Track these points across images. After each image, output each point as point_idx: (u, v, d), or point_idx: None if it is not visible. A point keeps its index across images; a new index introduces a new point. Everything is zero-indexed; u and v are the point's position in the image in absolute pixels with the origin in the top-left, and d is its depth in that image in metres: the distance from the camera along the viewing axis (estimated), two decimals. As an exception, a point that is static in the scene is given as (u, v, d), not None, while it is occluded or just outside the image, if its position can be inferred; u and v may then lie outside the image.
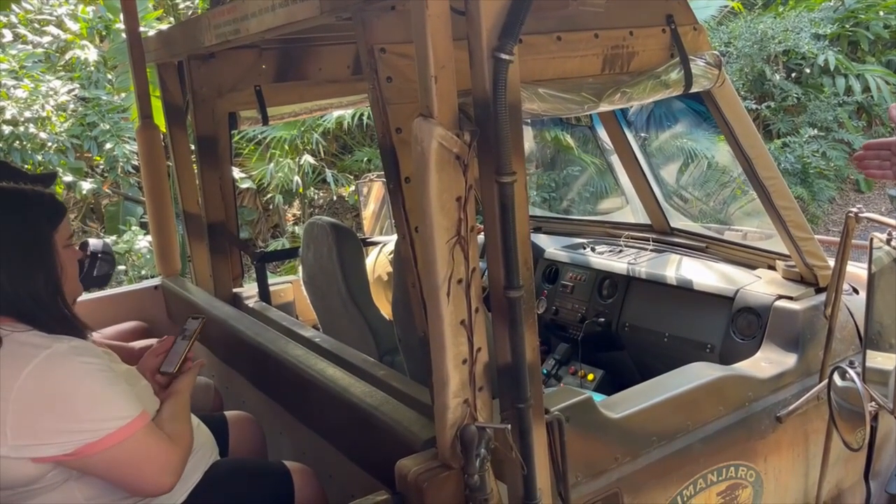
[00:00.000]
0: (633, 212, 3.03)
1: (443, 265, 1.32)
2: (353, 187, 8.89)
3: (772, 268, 2.40)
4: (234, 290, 2.82)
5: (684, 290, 2.50)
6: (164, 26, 7.83)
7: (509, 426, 1.34)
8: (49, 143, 6.95)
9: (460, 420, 1.38)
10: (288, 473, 1.71)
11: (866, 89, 9.70)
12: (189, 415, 1.64)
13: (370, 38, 1.54)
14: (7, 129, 6.73)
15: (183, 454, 1.53)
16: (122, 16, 2.87)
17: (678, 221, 2.88)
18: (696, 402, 1.89)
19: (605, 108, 1.88)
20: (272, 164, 7.95)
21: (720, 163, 2.96)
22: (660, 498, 1.83)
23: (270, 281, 2.99)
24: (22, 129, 6.79)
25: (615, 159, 2.89)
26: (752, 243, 2.53)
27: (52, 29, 7.99)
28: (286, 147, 8.07)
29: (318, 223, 2.73)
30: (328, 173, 8.54)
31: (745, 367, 2.07)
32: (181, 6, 8.71)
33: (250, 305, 2.69)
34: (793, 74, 9.88)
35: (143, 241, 6.66)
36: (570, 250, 3.02)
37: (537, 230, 3.34)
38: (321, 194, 9.30)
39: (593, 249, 2.95)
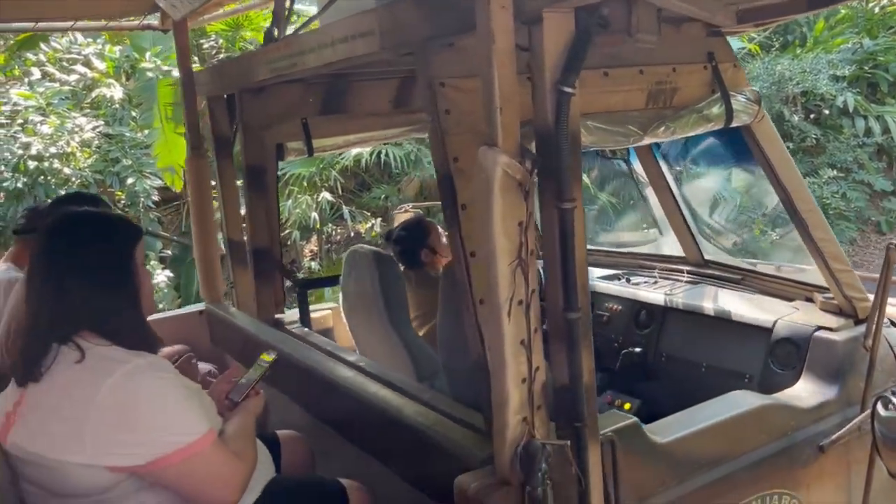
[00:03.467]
0: (666, 244, 3.07)
1: (505, 287, 1.37)
2: (369, 224, 9.04)
3: (809, 300, 2.44)
4: (276, 315, 2.88)
5: (722, 321, 2.53)
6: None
7: (569, 442, 1.38)
8: (73, 179, 7.09)
9: (519, 438, 1.42)
10: (344, 491, 1.75)
11: (886, 130, 9.74)
12: (254, 434, 1.69)
13: (431, 73, 1.62)
14: (32, 164, 6.91)
15: (247, 471, 1.57)
16: (176, 53, 2.98)
17: (711, 254, 2.92)
18: (740, 430, 1.92)
19: (648, 140, 1.95)
20: (290, 201, 8.08)
21: (752, 196, 3.02)
22: None
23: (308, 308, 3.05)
24: (47, 164, 6.97)
25: (650, 192, 2.96)
26: (789, 275, 2.57)
27: (79, 68, 8.20)
28: (304, 184, 8.21)
29: (359, 251, 2.80)
30: (345, 210, 8.67)
31: (787, 396, 2.09)
32: (205, 46, 8.98)
33: (292, 330, 2.75)
34: (811, 115, 9.96)
35: (161, 276, 6.76)
36: (606, 281, 3.07)
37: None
38: (338, 230, 9.43)
39: (628, 280, 2.99)
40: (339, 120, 2.88)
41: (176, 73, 7.65)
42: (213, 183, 3.06)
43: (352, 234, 9.30)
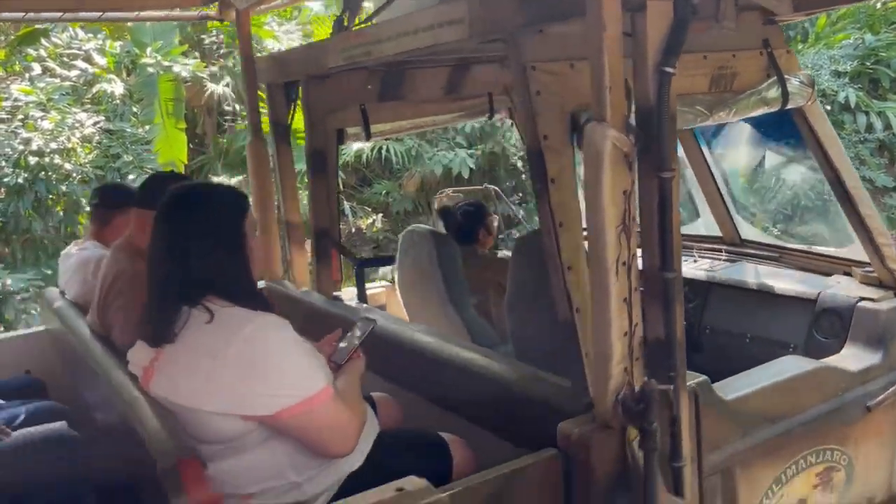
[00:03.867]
0: (704, 224, 3.23)
1: (612, 249, 1.52)
2: (371, 219, 9.13)
3: (847, 274, 2.60)
4: (334, 293, 3.01)
5: (765, 294, 2.69)
6: (190, 60, 8.21)
7: (672, 387, 1.53)
8: (74, 174, 7.12)
9: (620, 386, 1.57)
10: (446, 443, 1.89)
11: (888, 126, 9.82)
12: (360, 391, 1.82)
13: (523, 58, 1.76)
14: (33, 159, 6.94)
15: (359, 423, 1.70)
16: (238, 41, 3.11)
17: (748, 233, 3.08)
18: (797, 390, 2.08)
19: (713, 121, 2.11)
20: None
21: (787, 177, 3.18)
22: (766, 476, 2.01)
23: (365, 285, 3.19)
24: (47, 160, 6.98)
25: (689, 174, 3.11)
26: (827, 251, 2.73)
27: (80, 63, 8.20)
28: (306, 179, 8.29)
29: (417, 230, 2.95)
30: (346, 206, 8.74)
31: (835, 361, 2.25)
32: (206, 42, 9.08)
33: (353, 306, 2.89)
34: (813, 111, 10.10)
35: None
36: None
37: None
38: (340, 227, 9.49)
39: (670, 258, 3.14)
40: (394, 106, 3.02)
41: (176, 68, 7.77)
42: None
43: (353, 229, 9.38)
